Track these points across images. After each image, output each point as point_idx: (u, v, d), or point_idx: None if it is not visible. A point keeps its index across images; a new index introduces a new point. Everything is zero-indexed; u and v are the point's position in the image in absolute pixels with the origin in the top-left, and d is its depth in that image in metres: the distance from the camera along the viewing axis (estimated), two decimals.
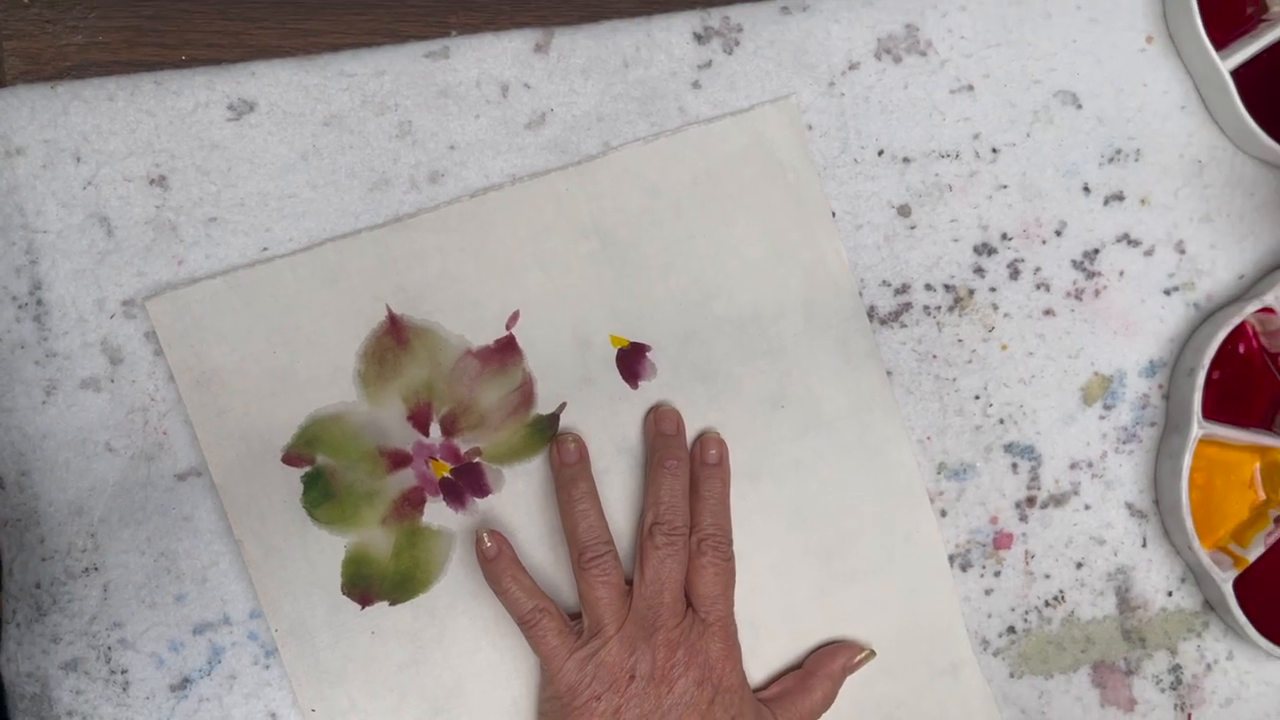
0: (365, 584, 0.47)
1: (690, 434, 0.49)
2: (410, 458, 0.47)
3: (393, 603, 0.47)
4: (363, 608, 0.47)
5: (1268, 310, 0.53)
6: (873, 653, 0.50)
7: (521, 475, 0.48)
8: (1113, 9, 0.53)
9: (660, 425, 0.48)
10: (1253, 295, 0.54)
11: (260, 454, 0.46)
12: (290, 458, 0.46)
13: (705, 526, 0.47)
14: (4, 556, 0.44)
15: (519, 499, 0.48)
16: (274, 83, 0.46)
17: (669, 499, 0.47)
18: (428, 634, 0.47)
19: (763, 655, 0.50)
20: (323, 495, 0.46)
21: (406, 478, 0.47)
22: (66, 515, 0.45)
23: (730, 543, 0.48)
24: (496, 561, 0.46)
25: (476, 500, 0.47)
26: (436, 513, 0.47)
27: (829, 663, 0.49)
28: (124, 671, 0.45)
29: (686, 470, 0.48)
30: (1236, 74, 0.52)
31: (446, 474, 0.47)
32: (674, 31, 0.49)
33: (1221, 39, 0.53)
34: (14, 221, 0.44)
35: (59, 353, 0.44)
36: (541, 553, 0.48)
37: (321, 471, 0.46)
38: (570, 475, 0.47)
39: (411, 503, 0.47)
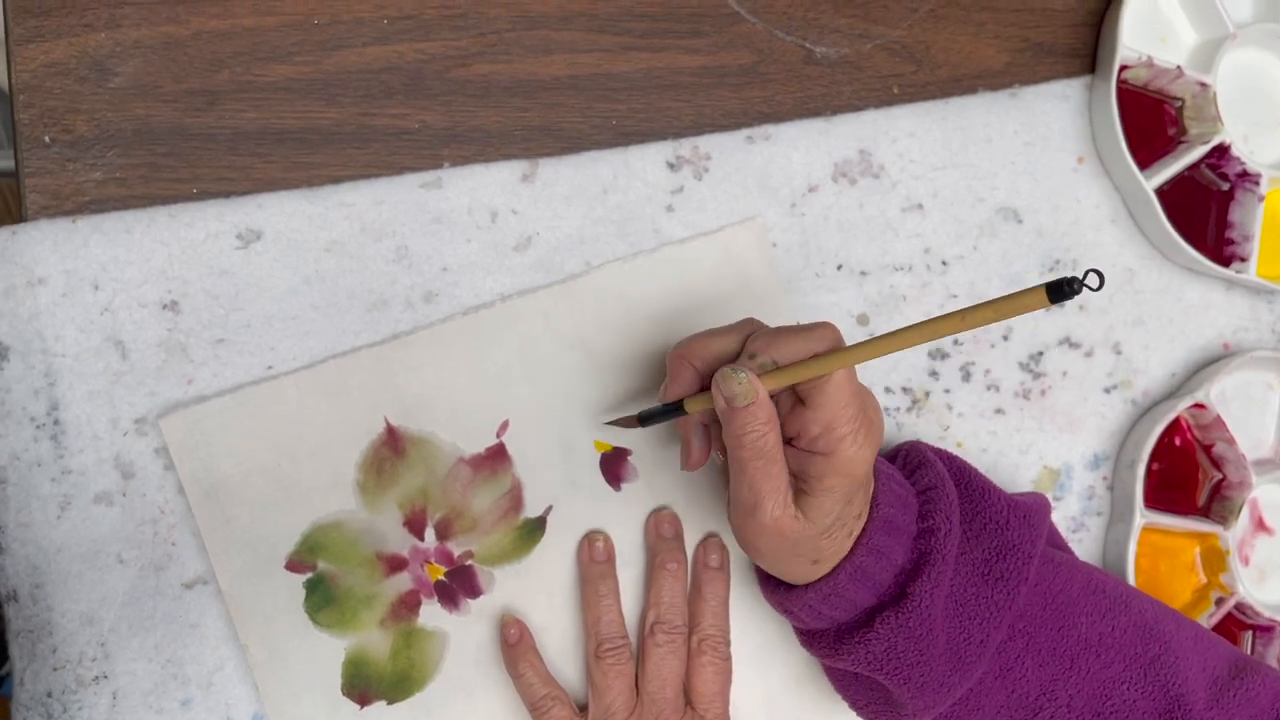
0: (364, 684, 0.49)
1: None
2: (406, 562, 0.50)
3: (390, 702, 0.49)
4: (361, 707, 0.49)
5: (1199, 406, 0.57)
6: None
7: (511, 576, 0.51)
8: (1046, 133, 0.59)
9: (660, 529, 0.51)
10: (1185, 392, 0.58)
11: (265, 561, 0.48)
12: (293, 564, 0.48)
13: (706, 627, 0.50)
14: (16, 666, 0.46)
15: (509, 599, 0.51)
16: (279, 213, 0.49)
17: (669, 599, 0.50)
18: None
19: None
20: (324, 600, 0.49)
21: (403, 581, 0.49)
22: (78, 625, 0.47)
23: (728, 643, 0.51)
24: (517, 648, 0.49)
25: (470, 601, 0.50)
26: (432, 614, 0.50)
27: None
28: None
29: (685, 572, 0.51)
30: (1160, 191, 0.57)
31: (441, 577, 0.50)
32: (648, 160, 0.53)
33: (1145, 159, 0.58)
34: (34, 346, 0.47)
35: (74, 470, 0.47)
36: None
37: (323, 577, 0.49)
38: (599, 572, 0.50)
39: (408, 605, 0.49)
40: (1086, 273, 0.31)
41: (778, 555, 0.44)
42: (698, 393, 0.45)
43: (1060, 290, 0.30)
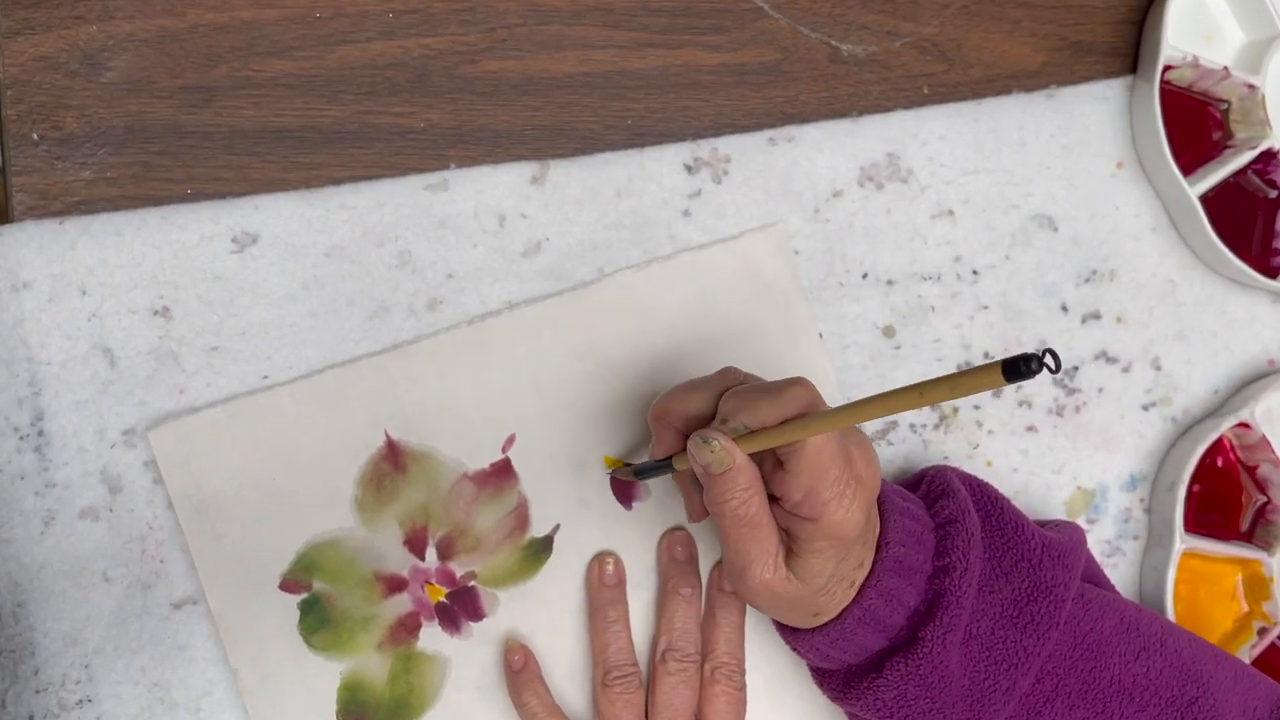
0: (360, 711, 0.46)
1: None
2: (406, 582, 0.47)
3: None
4: None
5: (1244, 425, 0.54)
6: None
7: (516, 598, 0.48)
8: (1084, 136, 0.56)
9: (673, 552, 0.49)
10: (1229, 410, 0.55)
11: (258, 580, 0.46)
12: (287, 584, 0.46)
13: (719, 654, 0.48)
14: None
15: (514, 622, 0.48)
16: (277, 215, 0.47)
17: (682, 625, 0.48)
18: None
19: None
20: (319, 621, 0.46)
21: (402, 603, 0.47)
22: (61, 646, 0.44)
23: (743, 672, 0.48)
24: (521, 674, 0.47)
25: (472, 624, 0.48)
26: (432, 638, 0.47)
27: None
28: None
29: (699, 597, 0.49)
30: (1205, 198, 0.54)
31: (442, 598, 0.48)
32: (665, 163, 0.51)
33: (1189, 164, 0.56)
34: (18, 354, 0.45)
35: (59, 483, 0.45)
36: None
37: (318, 597, 0.46)
38: (609, 596, 0.48)
39: (407, 628, 0.47)
40: (1044, 351, 0.29)
41: (776, 611, 0.43)
42: (684, 450, 0.42)
43: (1016, 369, 0.29)
